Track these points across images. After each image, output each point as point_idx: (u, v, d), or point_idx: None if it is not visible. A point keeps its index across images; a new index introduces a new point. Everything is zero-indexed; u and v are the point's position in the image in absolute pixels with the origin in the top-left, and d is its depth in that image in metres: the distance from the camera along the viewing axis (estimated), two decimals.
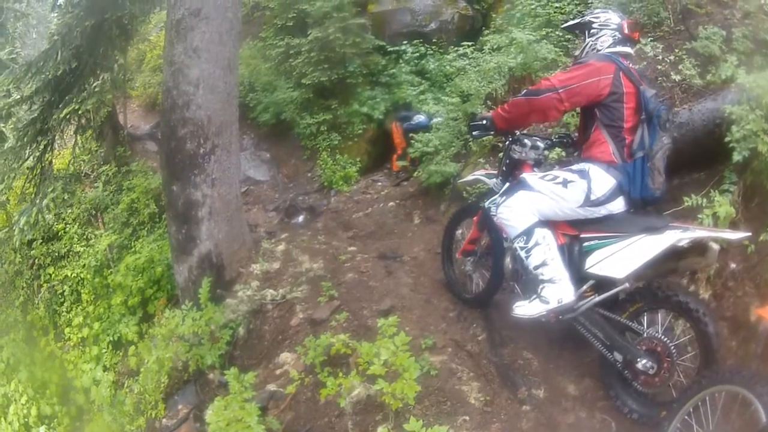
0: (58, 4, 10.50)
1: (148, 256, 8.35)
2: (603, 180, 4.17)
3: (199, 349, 5.45)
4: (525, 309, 4.33)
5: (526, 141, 4.91)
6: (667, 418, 3.65)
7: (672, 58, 6.03)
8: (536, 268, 4.26)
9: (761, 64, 5.43)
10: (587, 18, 4.62)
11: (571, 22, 4.92)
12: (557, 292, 4.19)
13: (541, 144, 4.96)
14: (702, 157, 5.03)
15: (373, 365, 4.13)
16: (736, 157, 4.55)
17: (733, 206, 4.59)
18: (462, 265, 5.71)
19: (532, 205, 4.32)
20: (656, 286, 4.15)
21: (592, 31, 4.54)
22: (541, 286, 4.26)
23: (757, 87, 4.63)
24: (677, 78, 5.81)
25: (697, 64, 5.80)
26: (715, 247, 3.87)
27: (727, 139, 4.61)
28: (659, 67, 6.03)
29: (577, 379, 4.63)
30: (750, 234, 4.12)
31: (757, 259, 4.52)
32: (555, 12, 8.44)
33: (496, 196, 4.80)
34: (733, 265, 4.61)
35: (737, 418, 3.30)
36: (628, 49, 4.47)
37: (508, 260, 4.90)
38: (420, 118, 10.41)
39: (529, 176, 4.50)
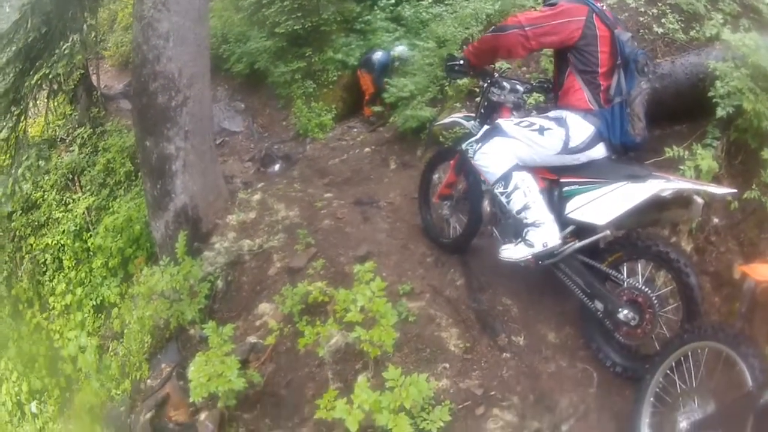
0: None
1: (126, 215, 8.27)
2: (581, 127, 4.10)
3: (179, 305, 5.38)
4: (511, 252, 4.28)
5: (505, 84, 4.84)
6: (649, 372, 3.61)
7: (655, 11, 5.94)
8: (519, 212, 4.20)
9: (748, 27, 5.36)
10: None
11: None
12: (542, 235, 4.13)
13: (520, 87, 4.89)
14: (684, 109, 4.97)
15: (350, 312, 4.07)
16: (720, 112, 4.49)
17: (717, 161, 4.55)
18: (439, 210, 5.66)
19: (509, 151, 4.25)
20: (636, 235, 4.10)
21: None
22: (525, 230, 4.20)
23: (743, 46, 4.58)
24: (660, 31, 5.75)
25: (681, 19, 5.74)
26: (699, 200, 3.80)
27: (710, 94, 4.55)
28: (641, 19, 5.95)
29: (558, 326, 4.60)
30: (735, 191, 4.09)
31: (741, 216, 4.50)
32: None
33: (474, 138, 4.72)
34: (716, 220, 4.59)
35: (721, 376, 3.26)
36: None
37: (486, 204, 4.84)
38: (378, 55, 10.24)
39: (504, 122, 4.43)
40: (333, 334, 4.31)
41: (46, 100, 9.97)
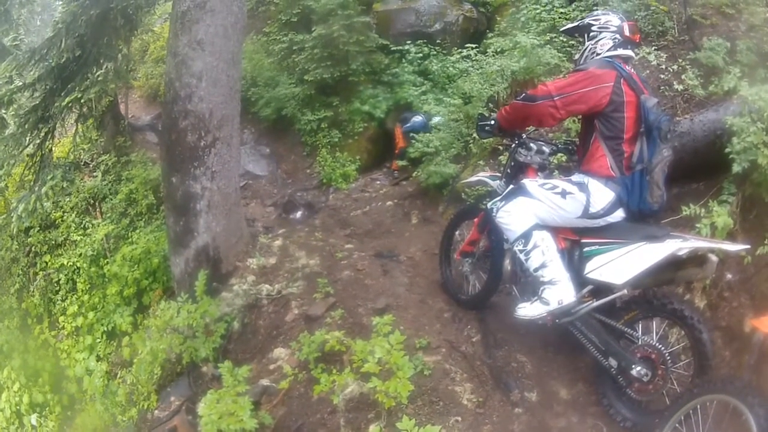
0: None
1: (145, 247, 8.32)
2: (602, 194, 4.17)
3: (194, 341, 5.43)
4: (526, 310, 4.35)
5: (532, 145, 4.94)
6: (659, 426, 3.66)
7: (675, 67, 6.04)
8: (536, 270, 4.28)
9: (765, 77, 5.44)
10: (587, 21, 4.57)
11: (570, 25, 4.90)
12: (557, 293, 4.20)
13: (546, 149, 5.01)
14: (701, 167, 5.04)
15: (368, 363, 4.13)
16: (736, 168, 4.55)
17: (732, 217, 4.60)
18: (459, 266, 5.71)
19: (531, 210, 4.33)
20: (651, 294, 4.18)
21: (591, 34, 4.50)
22: (541, 288, 4.28)
23: (760, 100, 4.63)
24: (680, 88, 5.85)
25: (700, 74, 5.81)
26: (714, 259, 3.89)
27: (727, 150, 4.61)
28: (662, 76, 6.05)
29: (570, 383, 4.66)
30: (748, 246, 4.14)
31: (754, 270, 4.54)
32: (560, 18, 8.42)
33: (498, 197, 4.78)
34: (729, 276, 4.63)
35: (728, 427, 3.30)
36: (629, 52, 4.43)
37: (507, 262, 4.92)
38: (417, 119, 10.26)
39: (528, 183, 4.50)
40: (348, 383, 4.33)
41: (74, 123, 10.09)
